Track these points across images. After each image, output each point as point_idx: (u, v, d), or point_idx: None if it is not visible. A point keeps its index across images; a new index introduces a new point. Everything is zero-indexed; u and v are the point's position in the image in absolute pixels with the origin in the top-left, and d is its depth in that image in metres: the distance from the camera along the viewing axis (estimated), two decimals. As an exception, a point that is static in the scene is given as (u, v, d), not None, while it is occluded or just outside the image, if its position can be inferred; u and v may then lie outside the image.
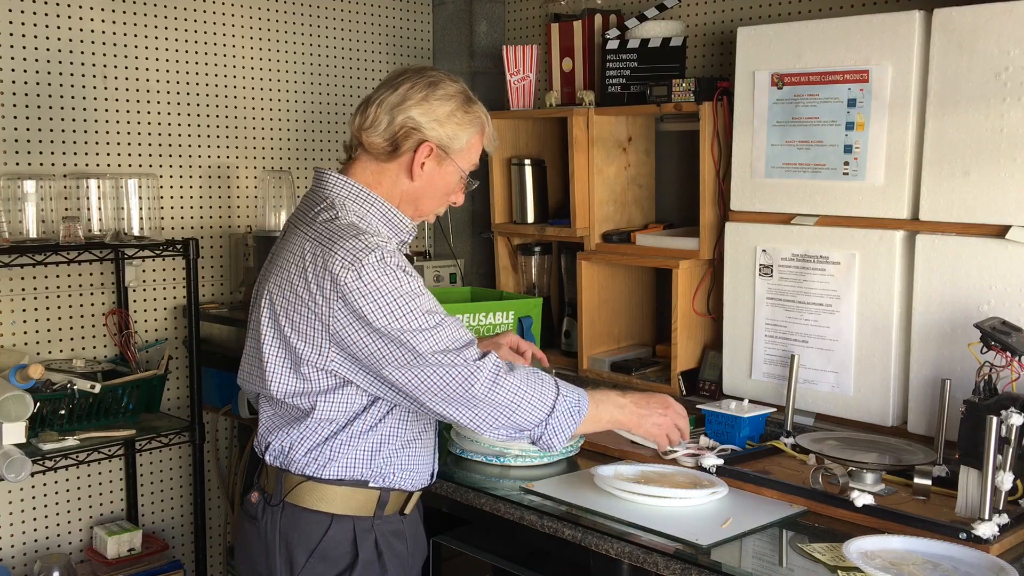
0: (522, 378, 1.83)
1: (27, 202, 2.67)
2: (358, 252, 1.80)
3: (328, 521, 1.91)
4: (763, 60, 2.54)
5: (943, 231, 2.28)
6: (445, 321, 1.82)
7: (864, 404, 2.42)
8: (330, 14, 3.40)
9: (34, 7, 2.78)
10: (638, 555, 1.89)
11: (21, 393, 2.49)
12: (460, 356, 1.80)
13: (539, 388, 1.84)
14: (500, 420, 1.82)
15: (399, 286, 1.80)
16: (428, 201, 2.00)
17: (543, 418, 1.84)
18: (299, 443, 1.92)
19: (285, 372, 1.89)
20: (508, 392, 1.81)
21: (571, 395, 1.88)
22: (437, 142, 1.93)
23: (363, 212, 1.93)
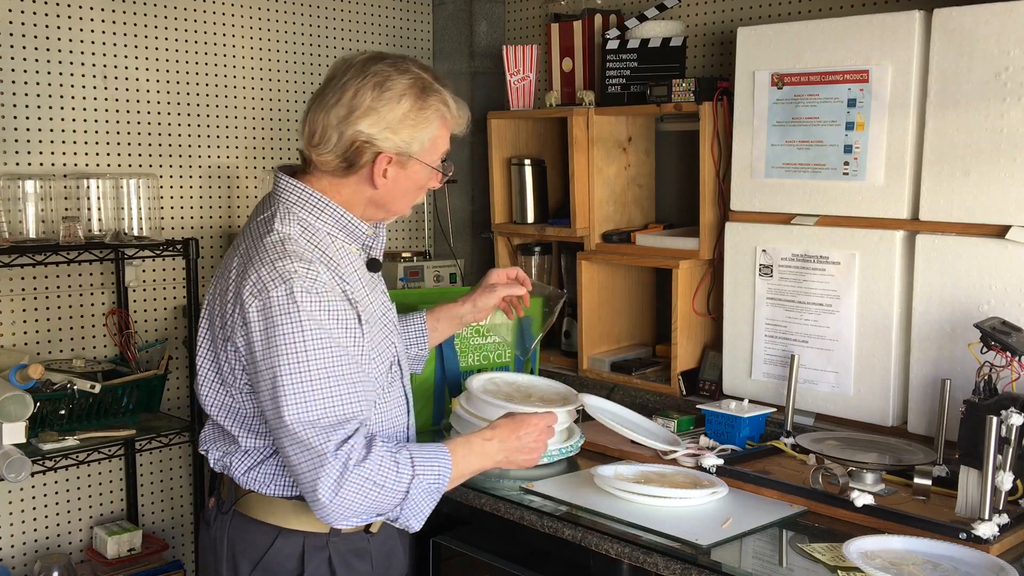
0: (373, 470, 1.66)
1: (27, 202, 2.67)
2: (269, 280, 1.68)
3: (275, 534, 1.80)
4: (763, 60, 2.54)
5: (943, 231, 2.28)
6: (330, 387, 1.67)
7: (864, 404, 2.42)
8: (330, 14, 3.40)
9: (34, 7, 2.78)
10: (638, 555, 1.89)
11: (21, 393, 2.49)
12: (320, 438, 1.64)
13: (391, 478, 1.68)
14: (347, 513, 1.67)
15: (292, 330, 1.66)
16: (399, 202, 1.86)
17: (396, 504, 1.71)
18: (237, 463, 1.82)
19: (214, 386, 1.81)
20: (354, 490, 1.65)
21: (429, 473, 1.72)
22: (395, 151, 1.77)
23: (312, 220, 1.79)
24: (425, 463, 1.72)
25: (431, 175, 1.85)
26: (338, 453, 1.64)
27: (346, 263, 1.81)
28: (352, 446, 1.66)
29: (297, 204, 1.80)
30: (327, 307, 1.69)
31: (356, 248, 1.85)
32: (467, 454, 1.80)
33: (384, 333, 1.88)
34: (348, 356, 1.71)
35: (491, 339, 2.87)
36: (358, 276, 1.84)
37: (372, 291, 1.88)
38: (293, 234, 1.76)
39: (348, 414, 1.68)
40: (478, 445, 1.83)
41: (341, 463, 1.64)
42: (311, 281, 1.69)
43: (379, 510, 1.71)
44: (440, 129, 1.82)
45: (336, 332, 1.70)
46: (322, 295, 1.69)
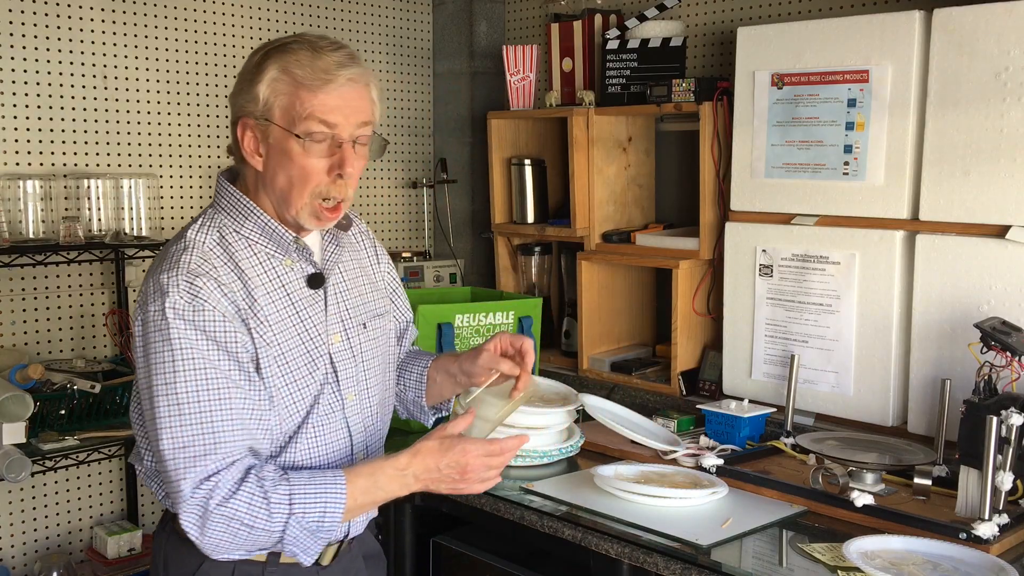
0: (240, 510, 1.54)
1: (27, 202, 2.67)
2: (150, 293, 1.59)
3: (203, 558, 1.66)
4: (763, 60, 2.54)
5: (943, 231, 2.28)
6: (194, 415, 1.55)
7: (864, 404, 2.42)
8: (330, 14, 3.40)
9: (34, 7, 2.78)
10: (638, 555, 1.89)
11: (21, 393, 2.49)
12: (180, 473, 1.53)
13: (261, 518, 1.55)
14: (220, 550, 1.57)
15: (162, 348, 1.55)
16: (286, 186, 1.64)
17: (273, 543, 1.59)
18: (158, 485, 1.71)
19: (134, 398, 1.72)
20: (220, 529, 1.54)
21: (311, 511, 1.57)
22: (244, 112, 1.64)
23: (237, 227, 1.67)
24: (307, 500, 1.57)
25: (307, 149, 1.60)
26: (196, 492, 1.53)
27: (267, 277, 1.67)
28: (215, 483, 1.53)
29: (224, 210, 1.69)
30: (202, 326, 1.57)
31: (290, 261, 1.70)
32: (370, 486, 1.62)
33: (310, 360, 1.70)
34: (225, 381, 1.57)
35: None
36: (286, 292, 1.68)
37: (306, 310, 1.71)
38: (207, 243, 1.64)
39: (214, 445, 1.55)
40: (387, 475, 1.63)
41: (199, 503, 1.53)
42: (189, 297, 1.57)
43: (258, 547, 1.59)
44: (284, 82, 1.60)
45: (212, 355, 1.57)
46: (198, 313, 1.57)
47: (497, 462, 1.66)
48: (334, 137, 1.62)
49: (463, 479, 1.64)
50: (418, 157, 3.67)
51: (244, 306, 1.62)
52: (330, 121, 1.60)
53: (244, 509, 1.54)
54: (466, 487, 1.66)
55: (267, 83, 1.61)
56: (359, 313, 1.81)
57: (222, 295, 1.60)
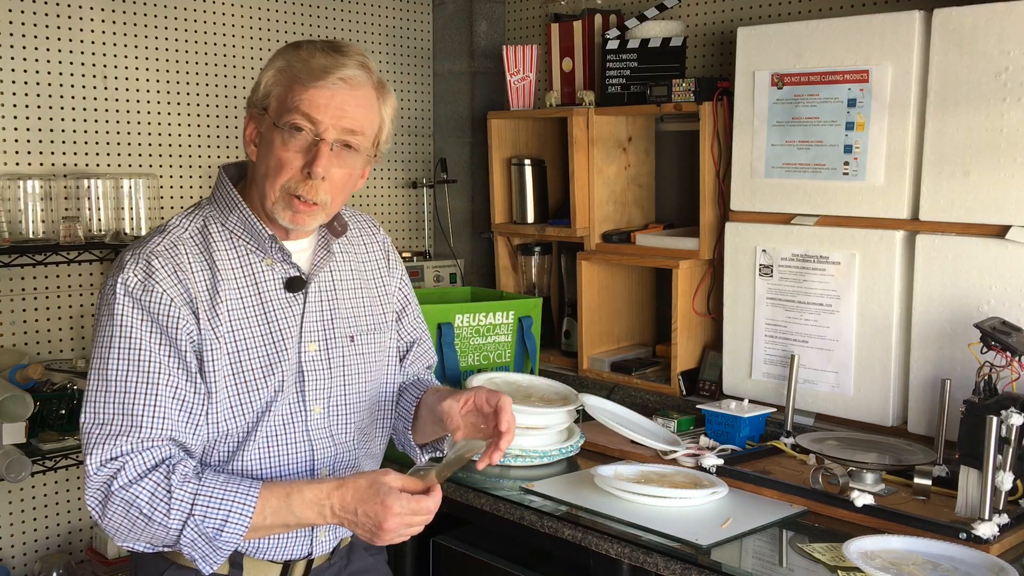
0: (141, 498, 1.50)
1: (27, 202, 2.67)
2: (115, 267, 1.59)
3: (166, 566, 1.66)
4: (763, 60, 2.54)
5: (943, 231, 2.28)
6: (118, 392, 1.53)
7: (864, 404, 2.42)
8: (330, 14, 3.40)
9: (34, 7, 2.78)
10: (638, 555, 1.89)
11: (21, 393, 2.49)
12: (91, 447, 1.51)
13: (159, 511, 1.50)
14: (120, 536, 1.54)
15: (105, 323, 1.56)
16: (263, 177, 1.62)
17: (172, 542, 1.54)
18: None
19: None
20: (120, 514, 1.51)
21: (212, 517, 1.51)
22: (249, 104, 1.66)
23: (222, 219, 1.67)
24: (211, 505, 1.51)
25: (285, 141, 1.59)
26: (101, 469, 1.50)
27: (240, 275, 1.64)
28: (122, 464, 1.50)
29: (215, 201, 1.69)
30: (147, 306, 1.55)
31: (270, 261, 1.67)
32: (282, 507, 1.54)
33: (267, 363, 1.64)
34: (157, 365, 1.55)
35: (491, 339, 2.88)
36: (257, 292, 1.65)
37: (278, 312, 1.67)
38: (189, 230, 1.64)
39: (131, 427, 1.52)
40: (304, 500, 1.55)
41: (102, 481, 1.50)
42: (143, 276, 1.56)
43: (155, 541, 1.55)
44: (283, 74, 1.61)
45: (150, 336, 1.55)
46: (147, 293, 1.56)
47: (418, 521, 1.56)
48: (316, 134, 1.59)
49: (376, 534, 1.54)
50: (418, 157, 3.67)
51: (202, 297, 1.59)
52: (313, 116, 1.58)
53: (145, 498, 1.50)
54: (381, 541, 1.56)
55: (270, 73, 1.62)
56: (347, 325, 1.75)
57: (176, 281, 1.58)
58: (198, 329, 1.59)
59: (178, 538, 1.52)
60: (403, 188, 3.64)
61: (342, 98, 1.59)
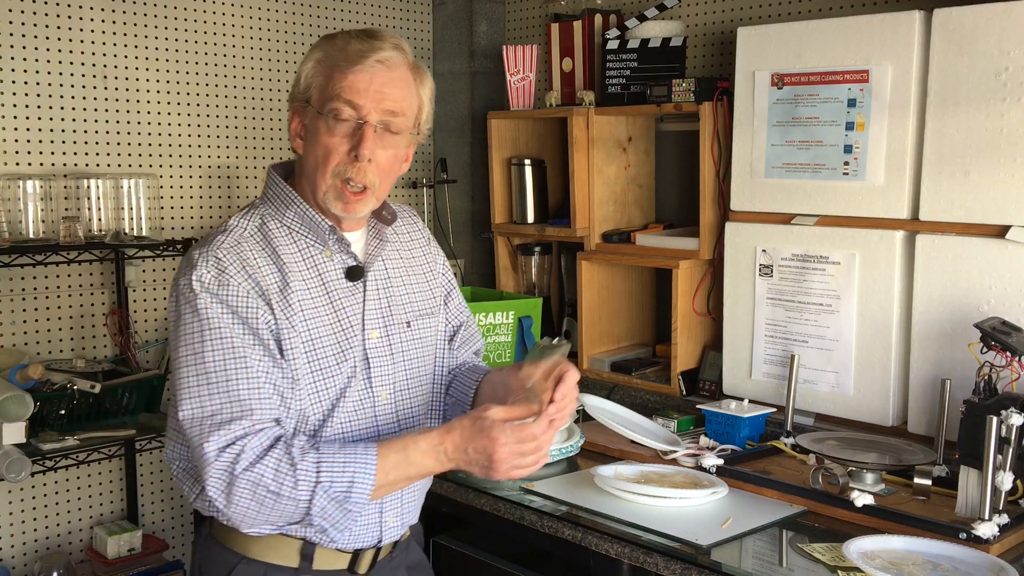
0: (266, 475, 1.52)
1: (27, 202, 2.67)
2: (183, 268, 1.64)
3: (236, 561, 1.69)
4: (763, 60, 2.54)
5: (943, 231, 2.28)
6: (220, 382, 1.55)
7: (864, 404, 2.42)
8: (331, 14, 3.40)
9: (34, 7, 2.78)
10: (638, 555, 1.89)
11: (21, 393, 2.49)
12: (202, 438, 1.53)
13: (287, 484, 1.52)
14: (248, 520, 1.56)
15: (190, 319, 1.58)
16: (313, 168, 1.66)
17: (301, 515, 1.56)
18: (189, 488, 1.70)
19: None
20: (247, 497, 1.52)
21: (338, 480, 1.54)
22: (291, 98, 1.70)
23: (279, 216, 1.71)
24: (334, 468, 1.54)
25: (330, 128, 1.63)
26: (222, 455, 1.52)
27: (304, 267, 1.68)
28: (243, 447, 1.52)
29: (269, 200, 1.73)
30: (226, 299, 1.59)
31: (329, 252, 1.71)
32: (402, 460, 1.58)
33: (340, 350, 1.69)
34: (251, 351, 1.58)
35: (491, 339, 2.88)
36: (321, 281, 1.69)
37: (341, 301, 1.70)
38: (248, 228, 1.68)
39: (242, 411, 1.54)
40: (420, 450, 1.59)
41: (225, 466, 1.51)
42: (216, 272, 1.60)
43: (284, 518, 1.57)
44: (323, 63, 1.64)
45: (236, 327, 1.58)
46: (223, 287, 1.59)
47: (530, 448, 1.58)
48: (358, 118, 1.62)
49: (492, 468, 1.58)
50: (418, 157, 3.67)
51: (273, 289, 1.63)
52: (355, 102, 1.61)
53: (271, 475, 1.51)
54: (498, 475, 1.59)
55: (310, 65, 1.66)
56: (403, 311, 1.79)
57: (247, 275, 1.62)
58: (274, 319, 1.62)
59: (308, 509, 1.54)
60: (403, 188, 3.64)
61: (381, 80, 1.63)
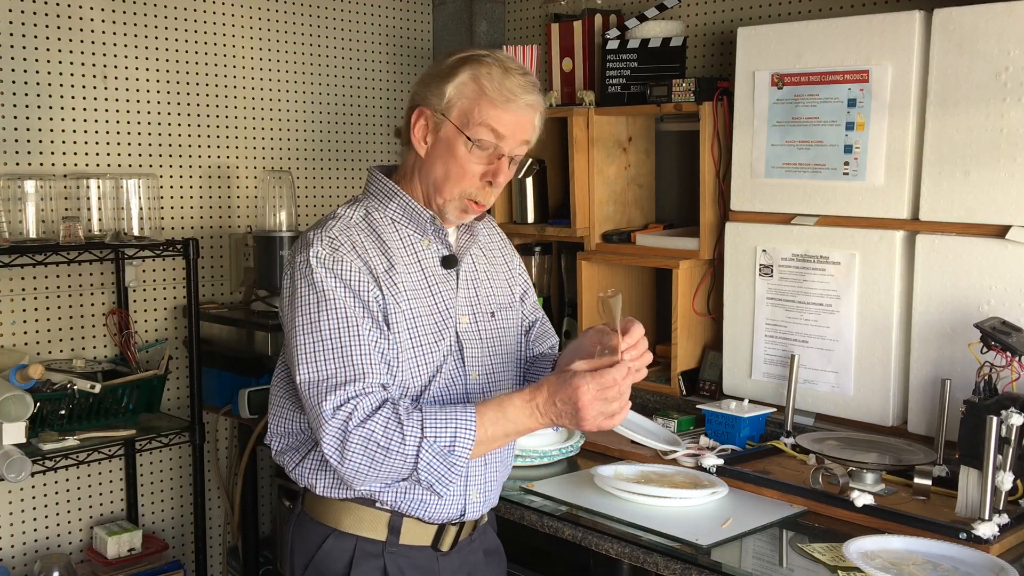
0: (376, 431, 1.62)
1: (27, 202, 2.67)
2: (298, 247, 1.75)
3: (326, 534, 1.80)
4: (763, 60, 2.54)
5: (943, 231, 2.28)
6: (337, 347, 1.67)
7: (864, 404, 2.42)
8: (330, 14, 3.40)
9: (34, 7, 2.78)
10: (638, 555, 1.89)
11: (21, 393, 2.49)
12: (319, 398, 1.64)
13: (395, 439, 1.62)
14: (360, 475, 1.65)
15: (307, 292, 1.70)
16: (441, 178, 1.76)
17: (409, 471, 1.65)
18: (289, 458, 1.84)
19: (280, 363, 1.86)
20: (359, 452, 1.62)
21: (442, 435, 1.63)
22: (425, 103, 1.76)
23: (381, 207, 1.81)
24: (438, 425, 1.64)
25: (470, 151, 1.73)
26: (337, 413, 1.63)
27: (405, 252, 1.78)
28: (354, 407, 1.63)
29: (372, 194, 1.83)
30: (340, 274, 1.70)
31: (427, 241, 1.81)
32: (499, 417, 1.67)
33: (437, 331, 1.79)
34: (364, 322, 1.69)
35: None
36: (421, 267, 1.79)
37: (438, 286, 1.81)
38: (354, 217, 1.79)
39: (355, 374, 1.66)
40: (516, 407, 1.68)
41: (340, 424, 1.62)
42: (331, 250, 1.71)
43: (393, 473, 1.65)
44: (472, 87, 1.72)
45: (350, 299, 1.69)
46: (337, 262, 1.70)
47: (613, 394, 1.64)
48: (496, 148, 1.74)
49: (580, 417, 1.64)
50: (418, 157, 3.67)
51: (380, 270, 1.74)
52: (500, 133, 1.73)
53: (380, 432, 1.61)
54: (589, 425, 1.65)
55: (456, 85, 1.74)
56: (488, 302, 1.90)
57: (357, 255, 1.72)
58: (382, 296, 1.73)
59: (415, 464, 1.63)
60: (403, 188, 3.64)
61: (523, 119, 1.76)
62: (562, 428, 2.33)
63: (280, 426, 1.85)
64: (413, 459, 1.63)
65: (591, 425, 1.65)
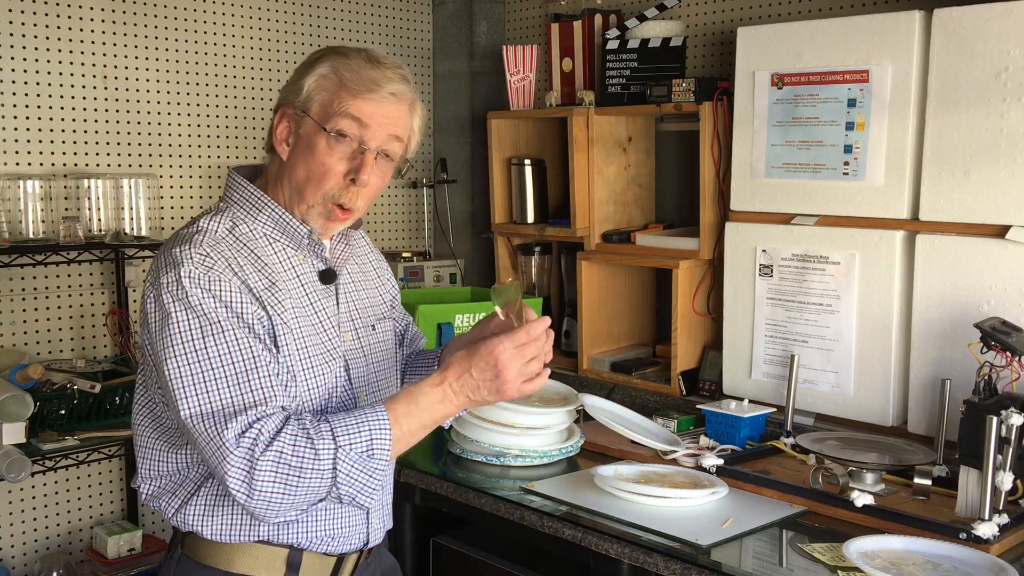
0: (285, 452, 1.48)
1: (27, 202, 2.67)
2: (161, 266, 1.58)
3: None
4: (763, 60, 2.54)
5: (943, 231, 2.28)
6: (225, 375, 1.52)
7: (864, 404, 2.42)
8: (330, 14, 3.40)
9: (34, 7, 2.78)
10: (638, 555, 1.89)
11: (21, 393, 2.49)
12: (220, 428, 1.49)
13: (307, 457, 1.49)
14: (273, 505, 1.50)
15: (182, 317, 1.53)
16: (303, 179, 1.64)
17: (327, 487, 1.52)
18: (167, 502, 1.67)
19: (139, 393, 1.69)
20: (270, 479, 1.48)
21: (357, 441, 1.51)
22: (286, 102, 1.66)
23: (249, 220, 1.67)
24: (350, 431, 1.51)
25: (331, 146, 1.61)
26: (241, 441, 1.47)
27: (282, 268, 1.66)
28: (259, 431, 1.48)
29: (237, 203, 1.69)
30: (218, 293, 1.55)
31: (303, 255, 1.69)
32: (411, 408, 1.55)
33: (325, 351, 1.68)
34: (253, 346, 1.55)
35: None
36: (300, 283, 1.67)
37: (319, 303, 1.70)
38: (219, 230, 1.64)
39: (254, 400, 1.51)
40: (426, 394, 1.57)
41: (245, 452, 1.47)
42: (204, 268, 1.55)
43: (310, 496, 1.51)
44: (330, 79, 1.62)
45: (234, 322, 1.55)
46: (214, 282, 1.55)
47: (532, 351, 1.56)
48: (361, 142, 1.62)
49: (501, 380, 1.55)
50: (418, 157, 3.67)
51: (260, 288, 1.60)
52: (363, 122, 1.61)
53: (289, 451, 1.48)
54: (510, 389, 1.55)
55: (315, 77, 1.63)
56: (368, 314, 1.81)
57: (233, 273, 1.58)
58: (267, 316, 1.60)
59: (333, 477, 1.50)
60: (403, 188, 3.64)
61: (387, 110, 1.63)
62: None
63: (151, 469, 1.68)
64: (330, 473, 1.50)
65: (512, 388, 1.55)
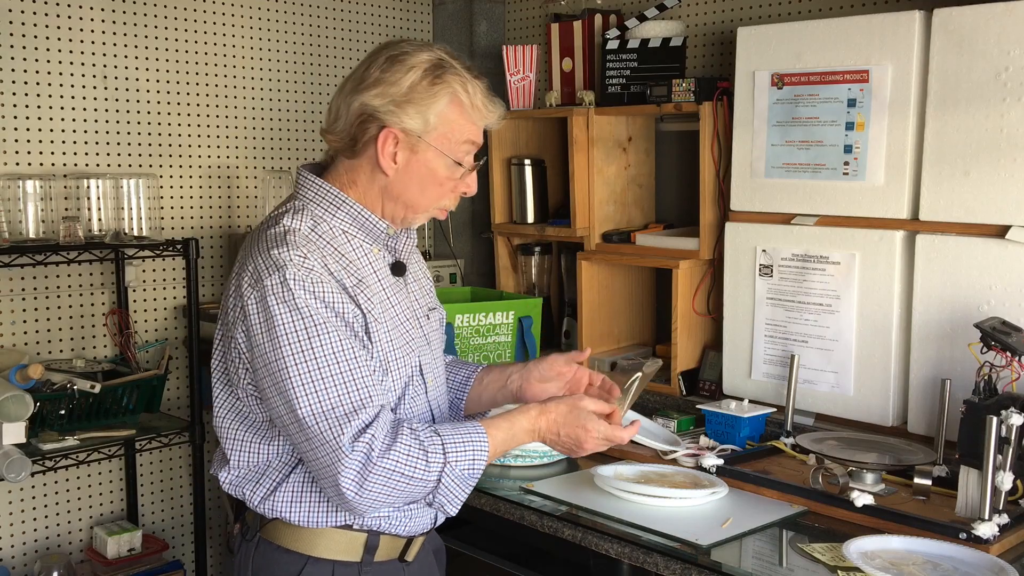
0: (400, 460, 1.57)
1: (27, 202, 2.67)
2: (263, 268, 1.61)
3: (302, 563, 1.71)
4: (763, 60, 2.54)
5: (943, 231, 2.28)
6: (339, 372, 1.58)
7: (864, 404, 2.42)
8: (330, 14, 3.40)
9: (34, 7, 2.78)
10: (638, 555, 1.89)
11: (21, 393, 2.49)
12: (334, 431, 1.55)
13: (419, 467, 1.58)
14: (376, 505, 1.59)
15: (292, 318, 1.58)
16: (414, 194, 1.72)
17: (427, 492, 1.62)
18: (251, 492, 1.73)
19: (224, 392, 1.73)
20: (380, 483, 1.56)
21: (463, 459, 1.62)
22: (400, 127, 1.66)
23: (328, 217, 1.71)
24: (459, 449, 1.62)
25: (451, 169, 1.71)
26: (356, 445, 1.54)
27: (363, 263, 1.72)
28: (373, 436, 1.55)
29: (313, 201, 1.72)
30: (321, 295, 1.60)
31: (378, 248, 1.76)
32: (506, 440, 1.69)
33: (406, 342, 1.75)
34: (355, 346, 1.61)
35: (491, 339, 2.88)
36: (378, 278, 1.73)
37: (395, 295, 1.76)
38: (302, 229, 1.67)
39: (362, 400, 1.58)
40: (520, 433, 1.72)
41: (361, 456, 1.54)
42: (305, 270, 1.60)
43: (409, 499, 1.63)
44: (453, 110, 1.68)
45: (337, 323, 1.61)
46: (316, 283, 1.60)
47: (612, 443, 1.77)
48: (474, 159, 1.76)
49: (574, 451, 1.76)
50: (418, 157, 3.67)
51: (350, 285, 1.66)
52: (477, 143, 1.74)
53: (403, 460, 1.57)
54: (575, 455, 1.79)
55: (437, 113, 1.68)
56: (424, 302, 1.89)
57: (329, 274, 1.64)
58: (360, 312, 1.66)
59: (435, 488, 1.62)
60: (403, 188, 3.63)
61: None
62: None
63: (241, 460, 1.73)
64: (435, 484, 1.61)
65: (578, 456, 1.79)
